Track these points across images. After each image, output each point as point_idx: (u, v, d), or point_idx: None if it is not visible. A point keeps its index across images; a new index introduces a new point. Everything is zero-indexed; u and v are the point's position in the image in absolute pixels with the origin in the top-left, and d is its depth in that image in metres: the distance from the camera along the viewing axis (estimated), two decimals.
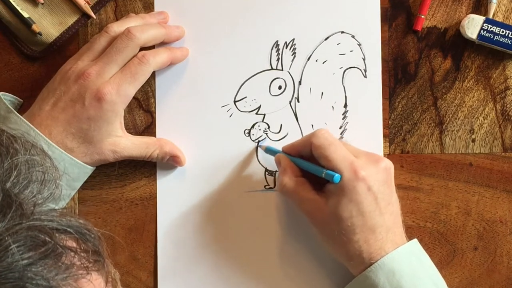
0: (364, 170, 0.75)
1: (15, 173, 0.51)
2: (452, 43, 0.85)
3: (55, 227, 0.50)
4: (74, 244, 0.51)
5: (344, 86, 0.85)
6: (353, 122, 0.85)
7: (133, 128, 0.85)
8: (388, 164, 0.78)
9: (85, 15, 0.85)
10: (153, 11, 0.85)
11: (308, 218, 0.79)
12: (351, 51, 0.85)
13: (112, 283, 0.55)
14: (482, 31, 0.82)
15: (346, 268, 0.80)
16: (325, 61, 0.85)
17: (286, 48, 0.85)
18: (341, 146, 0.77)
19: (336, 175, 0.74)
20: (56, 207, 0.54)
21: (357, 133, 0.85)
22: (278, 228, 0.85)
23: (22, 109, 0.83)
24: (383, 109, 0.85)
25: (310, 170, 0.79)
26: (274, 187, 0.85)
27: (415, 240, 0.78)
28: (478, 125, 0.84)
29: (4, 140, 0.53)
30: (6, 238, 0.47)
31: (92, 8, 0.85)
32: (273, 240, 0.85)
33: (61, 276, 0.49)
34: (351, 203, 0.75)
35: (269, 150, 0.84)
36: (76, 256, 0.51)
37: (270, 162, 0.85)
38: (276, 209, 0.85)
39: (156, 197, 0.85)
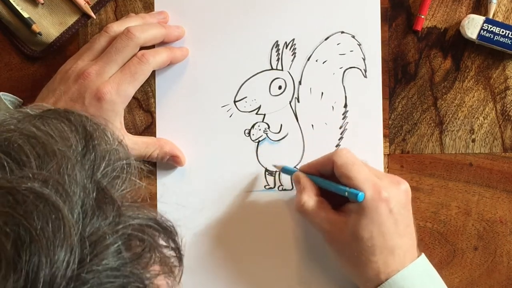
0: (386, 191, 0.74)
1: (103, 163, 0.50)
2: (452, 43, 0.85)
3: (146, 223, 0.49)
4: (159, 241, 0.50)
5: (344, 86, 0.85)
6: (353, 122, 0.85)
7: (133, 128, 0.85)
8: (408, 187, 0.77)
9: (85, 15, 0.85)
10: (153, 11, 0.85)
11: (326, 238, 0.78)
12: (351, 51, 0.85)
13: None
14: (482, 31, 0.82)
15: None
16: (325, 61, 0.85)
17: (286, 48, 0.85)
18: (364, 167, 0.76)
19: (360, 193, 0.73)
20: None
21: (357, 133, 0.85)
22: (278, 228, 0.85)
23: None
24: (383, 109, 0.85)
25: (331, 188, 0.78)
26: (274, 187, 0.85)
27: (423, 256, 0.77)
28: (478, 125, 0.84)
29: (89, 128, 0.51)
30: (108, 237, 0.45)
31: (92, 8, 0.85)
32: (273, 240, 0.85)
33: (150, 274, 0.48)
34: (373, 224, 0.74)
35: (286, 170, 0.83)
36: (161, 252, 0.50)
37: (270, 162, 0.85)
38: (276, 209, 0.85)
39: (156, 197, 0.85)
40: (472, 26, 0.83)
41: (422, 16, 0.84)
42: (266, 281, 0.85)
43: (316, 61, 0.85)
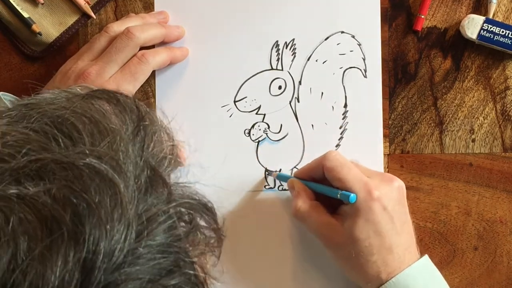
0: (378, 190, 0.74)
1: (152, 144, 0.50)
2: (452, 43, 0.85)
3: (194, 204, 0.50)
4: (202, 221, 0.51)
5: (344, 86, 0.85)
6: (353, 122, 0.85)
7: None
8: (401, 184, 0.77)
9: (85, 15, 0.85)
10: (153, 11, 0.85)
11: (323, 241, 0.78)
12: (351, 51, 0.85)
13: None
14: (482, 31, 0.82)
15: None
16: (325, 61, 0.85)
17: (286, 48, 0.85)
18: (354, 167, 0.76)
19: (352, 195, 0.73)
20: None
21: (357, 133, 0.85)
22: (278, 228, 0.85)
23: None
24: (383, 109, 0.85)
25: (324, 192, 0.78)
26: (274, 187, 0.85)
27: (426, 256, 0.77)
28: (478, 125, 0.84)
29: (140, 108, 0.52)
30: (162, 214, 0.46)
31: (92, 8, 0.85)
32: (273, 240, 0.85)
33: (196, 252, 0.49)
34: (368, 224, 0.74)
35: (280, 177, 0.84)
36: (203, 233, 0.51)
37: (270, 162, 0.85)
38: (276, 209, 0.85)
39: None
40: (472, 26, 0.83)
41: (422, 16, 0.84)
42: (266, 281, 0.85)
43: (316, 61, 0.85)
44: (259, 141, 0.85)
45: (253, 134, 0.85)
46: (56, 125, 0.47)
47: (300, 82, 0.85)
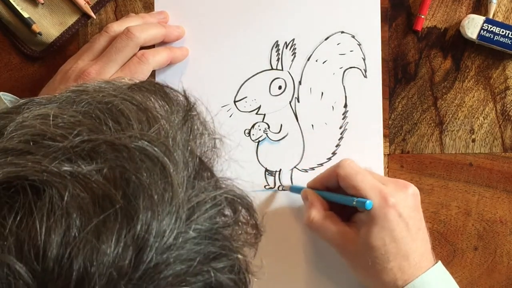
0: (393, 197, 0.74)
1: (199, 135, 0.51)
2: (452, 43, 0.85)
3: (237, 195, 0.50)
4: (241, 216, 0.52)
5: (344, 86, 0.85)
6: (353, 122, 0.85)
7: None
8: (416, 190, 0.77)
9: (85, 15, 0.85)
10: (153, 11, 0.85)
11: (339, 250, 0.78)
12: (351, 51, 0.85)
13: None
14: (482, 31, 0.82)
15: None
16: (325, 61, 0.85)
17: (286, 48, 0.85)
18: (368, 175, 0.76)
19: (368, 201, 0.73)
20: None
21: (357, 133, 0.85)
22: (278, 228, 0.85)
23: None
24: (383, 109, 0.85)
25: (339, 201, 0.78)
26: (274, 187, 0.85)
27: (440, 263, 0.77)
28: (478, 125, 0.84)
29: (189, 99, 0.53)
30: (207, 202, 0.47)
31: (92, 8, 0.85)
32: (273, 240, 0.85)
33: (238, 244, 0.49)
34: (384, 231, 0.74)
35: (294, 189, 0.84)
36: (243, 227, 0.51)
37: (270, 162, 0.85)
38: (276, 209, 0.85)
39: None
40: (472, 26, 0.83)
41: (422, 16, 0.84)
42: (266, 281, 0.85)
43: (316, 61, 0.85)
44: (259, 141, 0.85)
45: (253, 134, 0.85)
46: (106, 111, 0.48)
47: (300, 82, 0.85)
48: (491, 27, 0.82)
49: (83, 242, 0.42)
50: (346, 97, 0.85)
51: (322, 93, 0.85)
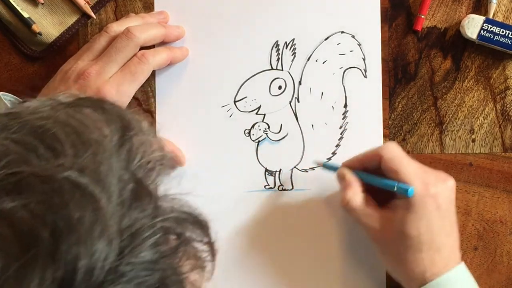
0: (435, 187, 0.73)
1: (139, 155, 0.48)
2: (452, 43, 0.85)
3: (183, 217, 0.48)
4: (193, 235, 0.49)
5: (344, 86, 0.85)
6: (353, 122, 0.85)
7: None
8: (454, 184, 0.76)
9: (85, 15, 0.85)
10: (153, 11, 0.85)
11: (372, 235, 0.77)
12: (351, 51, 0.85)
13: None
14: (482, 31, 0.82)
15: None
16: (325, 61, 0.85)
17: (286, 48, 0.85)
18: (411, 161, 0.75)
19: (411, 188, 0.72)
20: None
21: (357, 133, 0.85)
22: (278, 228, 0.85)
23: None
24: (383, 109, 0.85)
25: (379, 184, 0.76)
26: (274, 187, 0.85)
27: (463, 263, 0.77)
28: (478, 125, 0.84)
29: (125, 117, 0.50)
30: (147, 230, 0.44)
31: (92, 8, 0.85)
32: (273, 240, 0.85)
33: (185, 268, 0.47)
34: (421, 220, 0.73)
35: (328, 166, 0.82)
36: (195, 247, 0.49)
37: (270, 162, 0.85)
38: (276, 209, 0.85)
39: None
40: (472, 26, 0.83)
41: (422, 16, 0.84)
42: (266, 280, 0.85)
43: (316, 61, 0.85)
44: (259, 141, 0.85)
45: (253, 134, 0.85)
46: (38, 136, 0.45)
47: (300, 82, 0.85)
48: (491, 27, 0.82)
49: (5, 286, 0.39)
50: (346, 97, 0.85)
51: (322, 93, 0.85)
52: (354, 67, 0.85)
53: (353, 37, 0.85)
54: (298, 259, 0.84)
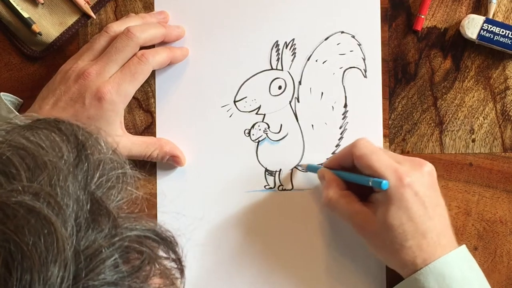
0: (409, 176, 0.74)
1: (97, 174, 0.47)
2: (452, 43, 0.85)
3: (144, 234, 0.47)
4: (159, 252, 0.48)
5: (344, 86, 0.85)
6: (353, 122, 0.85)
7: (133, 128, 0.85)
8: (431, 168, 0.77)
9: (85, 15, 0.85)
10: (153, 11, 0.85)
11: (357, 230, 0.78)
12: (351, 51, 0.85)
13: None
14: (482, 31, 0.82)
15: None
16: (325, 61, 0.85)
17: (286, 48, 0.85)
18: (383, 154, 0.76)
19: (384, 181, 0.73)
20: None
21: (357, 133, 0.84)
22: (278, 228, 0.85)
23: (22, 109, 0.83)
24: (383, 109, 0.85)
25: (355, 180, 0.78)
26: (274, 187, 0.85)
27: (464, 246, 0.77)
28: (478, 125, 0.84)
29: (81, 137, 0.49)
30: (104, 251, 0.44)
31: (92, 8, 0.85)
32: (273, 240, 0.85)
33: (153, 287, 0.46)
34: (400, 210, 0.74)
35: (310, 168, 0.84)
36: (161, 264, 0.48)
37: (270, 162, 0.85)
38: (276, 209, 0.85)
39: (156, 197, 0.85)
40: (472, 26, 0.83)
41: (422, 16, 0.84)
42: (266, 280, 0.85)
43: (316, 61, 0.85)
44: (259, 141, 0.85)
45: (253, 134, 0.85)
46: None
47: (300, 82, 0.85)
48: (491, 27, 0.82)
49: None
50: (346, 97, 0.85)
51: (322, 93, 0.85)
52: (354, 67, 0.85)
53: (353, 37, 0.85)
54: (298, 258, 0.84)
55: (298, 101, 0.85)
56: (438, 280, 0.73)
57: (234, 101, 0.85)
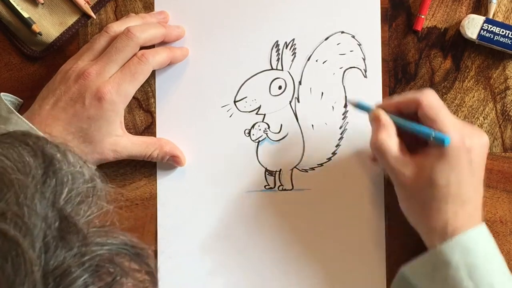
0: (471, 140, 0.73)
1: (66, 189, 0.46)
2: (452, 43, 0.85)
3: (116, 249, 0.46)
4: (131, 265, 0.47)
5: (344, 86, 0.85)
6: (353, 122, 0.85)
7: (133, 128, 0.85)
8: (488, 141, 0.76)
9: (85, 15, 0.85)
10: (153, 11, 0.85)
11: (398, 180, 0.75)
12: (351, 51, 0.85)
13: None
14: (482, 31, 0.82)
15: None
16: (325, 61, 0.85)
17: (286, 48, 0.85)
18: (450, 112, 0.75)
19: (447, 137, 0.72)
20: None
21: (357, 133, 0.84)
22: (278, 228, 0.85)
23: (22, 109, 0.83)
24: None
25: (414, 129, 0.75)
26: (274, 187, 0.85)
27: (484, 224, 0.75)
28: (478, 125, 0.84)
29: (48, 151, 0.48)
30: (74, 270, 0.43)
31: (92, 8, 0.85)
32: (273, 240, 0.85)
33: None
34: (452, 171, 0.72)
35: (361, 105, 0.79)
36: (133, 277, 0.47)
37: (270, 162, 0.85)
38: (276, 209, 0.85)
39: (156, 197, 0.85)
40: (472, 26, 0.83)
41: (422, 16, 0.84)
42: (267, 281, 0.85)
43: (316, 61, 0.85)
44: (259, 141, 0.85)
45: (253, 134, 0.85)
46: None
47: (300, 82, 0.85)
48: (491, 27, 0.82)
49: None
50: (346, 97, 0.85)
51: (322, 93, 0.85)
52: (354, 67, 0.85)
53: (353, 37, 0.85)
54: (298, 258, 0.84)
55: (298, 101, 0.85)
56: (463, 254, 0.72)
57: (234, 101, 0.85)
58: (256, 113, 0.85)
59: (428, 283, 0.73)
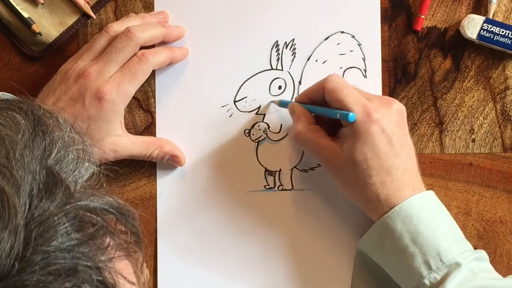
0: (377, 113, 0.75)
1: (55, 149, 0.49)
2: (452, 43, 0.85)
3: (100, 206, 0.48)
4: (117, 226, 0.50)
5: None
6: None
7: (133, 128, 0.85)
8: (401, 106, 0.78)
9: (85, 15, 0.85)
10: (153, 11, 0.85)
11: (324, 164, 0.79)
12: (351, 51, 0.85)
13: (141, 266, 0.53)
14: (482, 31, 0.82)
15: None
16: (325, 61, 0.85)
17: (286, 48, 0.85)
18: (354, 90, 0.77)
19: (351, 114, 0.74)
20: None
21: None
22: (278, 228, 0.85)
23: None
24: None
25: (323, 113, 0.79)
26: (274, 187, 0.85)
27: (432, 192, 0.78)
28: (478, 125, 0.84)
29: (41, 116, 0.51)
30: (56, 218, 0.45)
31: (92, 8, 0.85)
32: (273, 240, 0.85)
33: (106, 257, 0.47)
34: (366, 146, 0.74)
35: (282, 103, 0.84)
36: (119, 237, 0.49)
37: (270, 162, 0.85)
38: (276, 209, 0.85)
39: (156, 197, 0.85)
40: (472, 26, 0.83)
41: (422, 16, 0.84)
42: (267, 281, 0.85)
43: (316, 61, 0.85)
44: (259, 141, 0.85)
45: (253, 134, 0.85)
46: None
47: (300, 82, 0.85)
48: (491, 27, 0.82)
49: None
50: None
51: None
52: (354, 67, 0.85)
53: (353, 37, 0.85)
54: (298, 258, 0.84)
55: None
56: (405, 222, 0.74)
57: (234, 101, 0.85)
58: (256, 113, 0.85)
59: (382, 255, 0.77)
